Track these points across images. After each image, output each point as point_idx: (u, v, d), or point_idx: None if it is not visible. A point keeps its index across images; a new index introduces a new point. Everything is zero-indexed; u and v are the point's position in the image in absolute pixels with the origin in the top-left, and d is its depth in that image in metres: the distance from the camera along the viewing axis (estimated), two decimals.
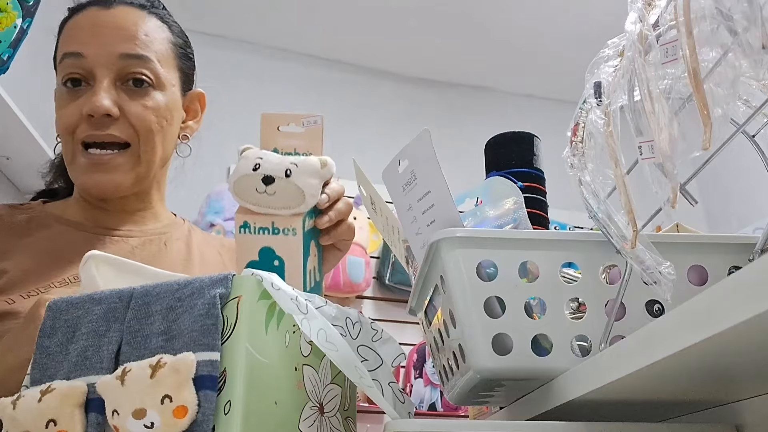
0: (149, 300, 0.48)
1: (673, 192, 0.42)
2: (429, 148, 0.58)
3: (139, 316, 0.48)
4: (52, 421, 0.44)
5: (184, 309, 0.47)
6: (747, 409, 0.48)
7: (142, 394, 0.43)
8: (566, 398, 0.48)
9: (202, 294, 0.46)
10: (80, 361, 0.47)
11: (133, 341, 0.47)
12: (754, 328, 0.29)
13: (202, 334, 0.45)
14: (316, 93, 2.85)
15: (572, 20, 2.67)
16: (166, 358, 0.43)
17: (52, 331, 0.50)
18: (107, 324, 0.48)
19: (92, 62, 0.81)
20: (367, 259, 2.42)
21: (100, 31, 0.83)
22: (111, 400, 0.44)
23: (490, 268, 0.55)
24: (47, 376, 0.48)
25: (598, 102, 0.51)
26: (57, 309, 0.51)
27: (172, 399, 0.42)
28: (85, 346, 0.48)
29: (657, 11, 0.46)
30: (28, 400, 0.45)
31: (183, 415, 0.42)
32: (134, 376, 0.43)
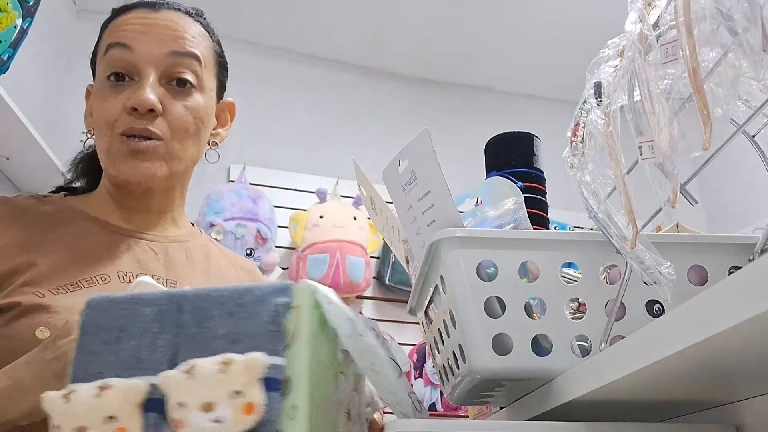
0: (205, 305, 0.49)
1: (673, 192, 0.42)
2: (429, 148, 0.58)
3: (196, 320, 0.49)
4: (111, 417, 0.45)
5: (246, 315, 0.48)
6: (747, 409, 0.48)
7: (212, 388, 0.44)
8: (566, 398, 0.49)
9: (265, 302, 0.48)
10: (133, 361, 0.48)
11: (192, 344, 0.48)
12: (754, 328, 0.29)
13: (268, 340, 0.46)
14: (316, 93, 2.86)
15: (572, 20, 2.67)
16: (236, 357, 0.44)
17: (95, 329, 0.49)
18: (160, 326, 0.49)
19: (140, 57, 0.83)
20: (367, 259, 2.42)
21: (149, 29, 0.84)
22: (175, 394, 0.44)
23: (490, 268, 0.55)
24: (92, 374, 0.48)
25: (598, 102, 0.51)
26: (98, 307, 0.51)
27: (244, 395, 0.43)
28: (137, 346, 0.48)
29: (657, 11, 0.46)
30: (83, 396, 0.45)
31: (251, 412, 0.43)
32: (203, 370, 0.44)
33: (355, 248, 2.40)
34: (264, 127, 2.67)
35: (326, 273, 2.32)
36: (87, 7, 2.54)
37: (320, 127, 2.78)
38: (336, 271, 2.33)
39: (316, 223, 2.42)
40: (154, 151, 0.83)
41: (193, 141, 0.87)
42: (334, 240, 2.38)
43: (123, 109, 0.82)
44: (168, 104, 0.83)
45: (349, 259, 2.36)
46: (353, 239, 2.41)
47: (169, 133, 0.84)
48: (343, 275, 2.33)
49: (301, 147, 2.71)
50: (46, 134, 1.97)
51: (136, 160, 0.83)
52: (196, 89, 0.86)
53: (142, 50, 0.83)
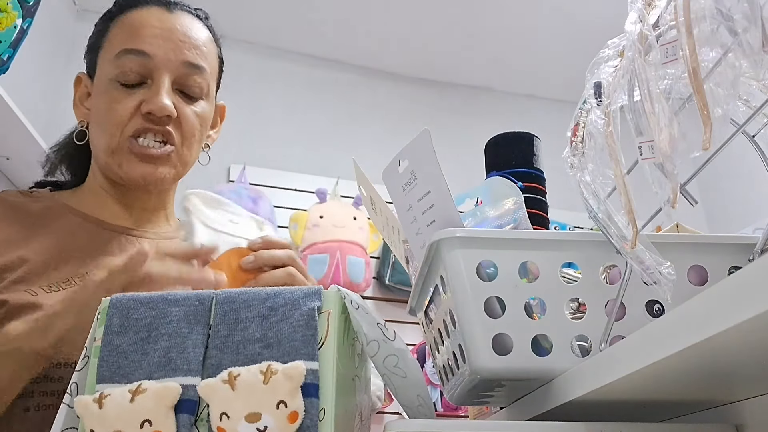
0: (236, 306, 0.49)
1: (673, 192, 0.42)
2: (429, 148, 0.58)
3: (227, 321, 0.49)
4: (147, 421, 0.45)
5: (278, 318, 0.48)
6: (747, 409, 0.48)
7: (257, 399, 0.44)
8: (566, 398, 0.48)
9: (298, 305, 0.49)
10: (164, 362, 0.48)
11: (224, 346, 0.48)
12: (754, 328, 0.29)
13: (303, 344, 0.47)
14: (316, 93, 2.86)
15: (572, 20, 2.67)
16: (276, 366, 0.45)
17: (122, 329, 0.49)
18: (189, 326, 0.49)
19: (158, 64, 0.84)
20: (367, 259, 2.42)
21: (168, 35, 0.85)
22: (218, 404, 0.45)
23: (490, 268, 0.55)
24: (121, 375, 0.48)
25: (598, 102, 0.51)
26: (124, 307, 0.50)
27: (287, 405, 0.44)
28: (168, 347, 0.48)
29: (657, 11, 0.46)
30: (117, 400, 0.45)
31: (295, 420, 0.44)
32: (245, 381, 0.45)
33: (355, 248, 2.40)
34: (264, 127, 2.67)
35: (326, 273, 2.32)
36: (87, 7, 2.54)
37: (320, 127, 2.78)
38: (336, 271, 2.33)
39: (316, 223, 2.42)
40: (167, 157, 0.85)
41: (197, 144, 0.89)
42: (334, 240, 2.38)
43: (135, 111, 0.83)
44: (181, 110, 0.85)
45: (349, 259, 2.36)
46: (353, 239, 2.41)
47: (180, 138, 0.85)
48: (343, 275, 2.33)
49: (301, 147, 2.71)
50: (46, 134, 1.97)
51: (148, 164, 0.84)
52: (203, 97, 0.88)
53: (159, 57, 0.84)
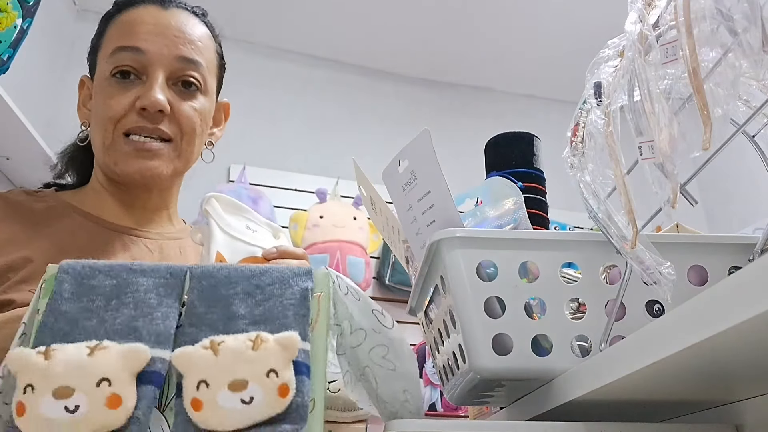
0: (215, 283, 0.45)
1: (673, 192, 0.42)
2: (429, 148, 0.58)
3: (204, 298, 0.45)
4: (105, 380, 0.38)
5: (266, 297, 0.45)
6: (747, 409, 0.48)
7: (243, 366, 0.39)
8: (566, 398, 0.48)
9: (289, 284, 0.46)
10: (127, 330, 0.42)
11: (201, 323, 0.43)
12: (754, 328, 0.29)
13: (295, 322, 0.43)
14: (316, 93, 2.86)
15: (572, 20, 2.67)
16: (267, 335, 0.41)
17: (74, 296, 0.44)
18: (158, 298, 0.44)
19: (151, 59, 0.84)
20: (367, 259, 2.42)
21: (161, 30, 0.85)
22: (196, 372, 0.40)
23: (490, 268, 0.55)
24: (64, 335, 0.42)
25: (598, 102, 0.51)
26: (78, 274, 0.45)
27: (278, 375, 0.39)
28: (133, 315, 0.43)
29: (657, 11, 0.46)
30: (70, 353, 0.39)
31: (285, 395, 0.39)
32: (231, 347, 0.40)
33: (355, 248, 2.40)
34: (264, 127, 2.68)
35: None
36: (87, 7, 2.54)
37: (320, 127, 2.78)
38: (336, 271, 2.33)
39: (316, 224, 2.42)
40: (163, 152, 0.84)
41: (198, 141, 0.89)
42: (334, 240, 2.38)
43: (130, 107, 0.82)
44: (176, 105, 0.85)
45: (349, 259, 2.36)
46: (353, 239, 2.41)
47: (178, 132, 0.85)
48: (343, 275, 2.33)
49: (301, 147, 2.71)
50: (46, 134, 1.97)
51: (142, 159, 0.83)
52: (200, 92, 0.88)
53: (153, 52, 0.84)
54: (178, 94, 0.85)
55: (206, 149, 0.95)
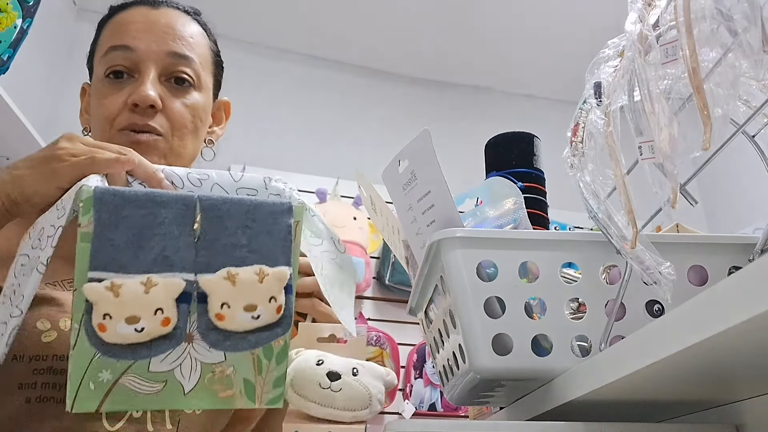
0: (221, 214, 0.57)
1: (673, 192, 0.42)
2: (429, 148, 0.58)
3: (213, 227, 0.56)
4: (159, 309, 0.53)
5: (259, 229, 0.57)
6: (747, 409, 0.48)
7: (253, 294, 0.55)
8: (566, 398, 0.49)
9: (277, 220, 0.58)
10: (161, 259, 0.54)
11: (213, 248, 0.56)
12: (754, 328, 0.29)
13: (282, 253, 0.57)
14: (316, 93, 2.86)
15: (572, 20, 2.67)
16: (267, 269, 0.56)
17: (113, 224, 0.54)
18: (179, 228, 0.55)
19: (141, 56, 0.84)
20: (367, 259, 2.42)
21: (150, 27, 0.86)
22: (219, 295, 0.55)
23: (490, 268, 0.55)
24: (117, 265, 0.53)
25: (598, 102, 0.51)
26: (111, 203, 0.54)
27: (276, 300, 0.56)
28: (163, 246, 0.54)
29: (657, 11, 0.46)
30: (132, 290, 0.52)
31: (280, 311, 0.56)
32: (244, 279, 0.55)
33: (354, 248, 2.40)
34: (264, 127, 2.67)
35: None
36: (87, 7, 2.54)
37: (320, 127, 2.78)
38: None
39: None
40: (154, 146, 0.83)
41: (192, 138, 0.88)
42: None
43: (124, 105, 0.83)
44: (167, 101, 0.84)
45: None
46: (353, 239, 2.41)
47: (169, 129, 0.84)
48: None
49: (301, 147, 2.71)
50: (46, 134, 1.97)
51: None
52: (194, 88, 0.87)
53: (143, 49, 0.84)
54: (170, 90, 0.85)
55: (207, 147, 0.94)
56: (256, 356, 0.58)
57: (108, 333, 0.52)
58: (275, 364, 0.59)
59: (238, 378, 0.57)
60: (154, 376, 0.55)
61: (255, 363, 0.58)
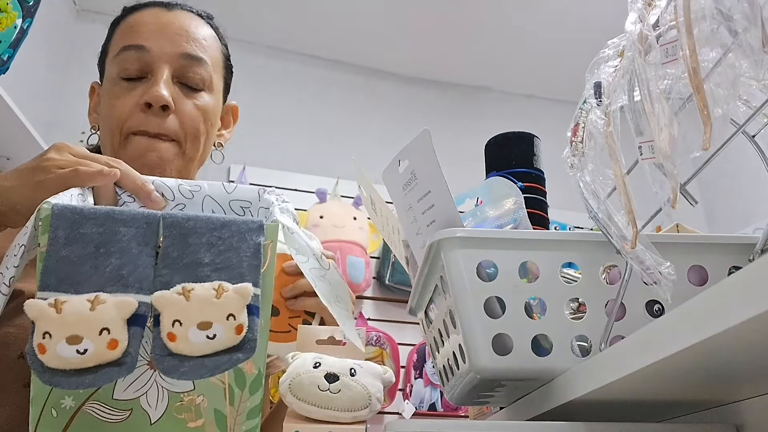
0: (185, 232, 0.54)
1: (673, 192, 0.42)
2: (429, 148, 0.58)
3: (176, 244, 0.53)
4: (105, 329, 0.49)
5: (226, 247, 0.54)
6: (747, 409, 0.48)
7: (209, 310, 0.50)
8: (566, 398, 0.49)
9: (245, 239, 0.54)
10: (116, 277, 0.51)
11: (175, 266, 0.53)
12: (754, 328, 0.29)
13: (249, 271, 0.53)
14: (316, 93, 2.86)
15: (572, 20, 2.67)
16: (227, 285, 0.51)
17: (69, 241, 0.51)
18: (138, 247, 0.52)
19: (154, 57, 0.84)
20: (367, 259, 2.42)
21: (164, 29, 0.86)
22: (171, 313, 0.50)
23: (490, 268, 0.55)
24: (69, 284, 0.50)
25: (598, 102, 0.51)
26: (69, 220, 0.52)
27: (235, 318, 0.51)
28: (119, 264, 0.51)
29: (657, 11, 0.46)
30: (76, 306, 0.49)
31: (240, 332, 0.51)
32: (199, 294, 0.51)
33: (355, 248, 2.40)
34: (264, 127, 2.67)
35: None
36: (87, 7, 2.54)
37: (320, 127, 2.78)
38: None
39: (316, 224, 2.42)
40: (167, 155, 0.83)
41: (204, 140, 0.88)
42: (334, 240, 2.37)
43: (135, 106, 0.82)
44: (180, 102, 0.84)
45: (349, 259, 2.36)
46: (353, 239, 2.41)
47: (182, 133, 0.84)
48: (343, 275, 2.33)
49: (301, 147, 2.71)
50: (46, 134, 1.97)
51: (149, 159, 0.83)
52: (205, 90, 0.87)
53: (156, 50, 0.84)
54: (182, 91, 0.85)
55: (215, 150, 0.94)
56: (227, 385, 0.54)
57: (48, 355, 0.48)
58: (249, 394, 0.55)
59: (209, 408, 0.54)
60: (119, 404, 0.52)
61: (226, 392, 0.54)
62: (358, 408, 0.63)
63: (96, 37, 0.94)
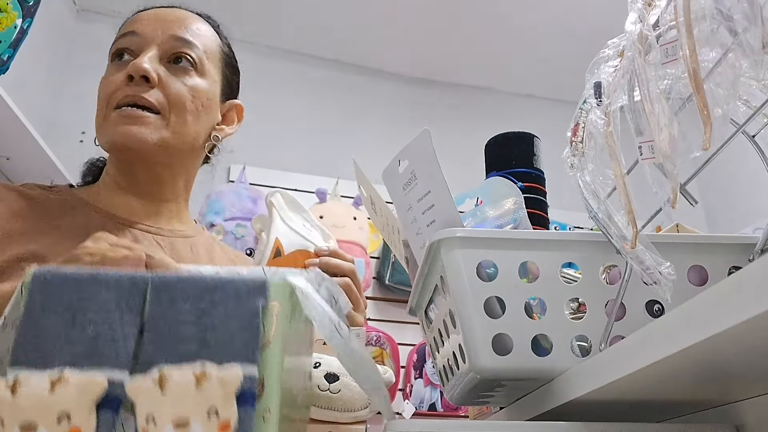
0: (174, 295, 0.46)
1: (673, 192, 0.42)
2: (429, 148, 0.58)
3: (162, 313, 0.46)
4: (66, 416, 0.41)
5: (219, 315, 0.45)
6: (747, 409, 0.48)
7: (186, 405, 0.42)
8: (566, 398, 0.48)
9: (241, 302, 0.46)
10: (90, 351, 0.44)
11: (158, 341, 0.45)
12: (754, 328, 0.29)
13: (243, 346, 0.44)
14: (316, 93, 2.85)
15: (572, 20, 2.67)
16: (210, 368, 0.43)
17: (45, 308, 0.45)
18: (120, 314, 0.45)
19: (145, 39, 0.87)
20: (367, 259, 2.42)
21: (159, 18, 0.89)
22: (145, 406, 0.42)
23: (490, 268, 0.55)
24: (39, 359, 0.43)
25: (598, 102, 0.51)
26: (48, 283, 0.46)
27: (218, 414, 0.42)
28: (95, 334, 0.44)
29: (657, 11, 0.46)
30: (33, 388, 0.41)
31: (226, 430, 0.42)
32: (176, 383, 0.42)
33: (354, 248, 2.40)
34: (264, 127, 2.67)
35: None
36: (87, 7, 2.54)
37: (320, 127, 2.78)
38: None
39: None
40: (146, 119, 0.83)
41: (192, 120, 0.87)
42: None
43: (121, 82, 0.83)
44: (166, 78, 0.85)
45: None
46: (353, 239, 2.41)
47: (165, 104, 0.84)
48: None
49: (301, 147, 2.71)
50: (46, 134, 1.97)
51: (126, 125, 0.83)
52: (195, 71, 0.88)
53: (147, 33, 0.87)
54: (170, 69, 0.86)
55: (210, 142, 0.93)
56: None
57: None
58: None
59: None
60: None
61: None
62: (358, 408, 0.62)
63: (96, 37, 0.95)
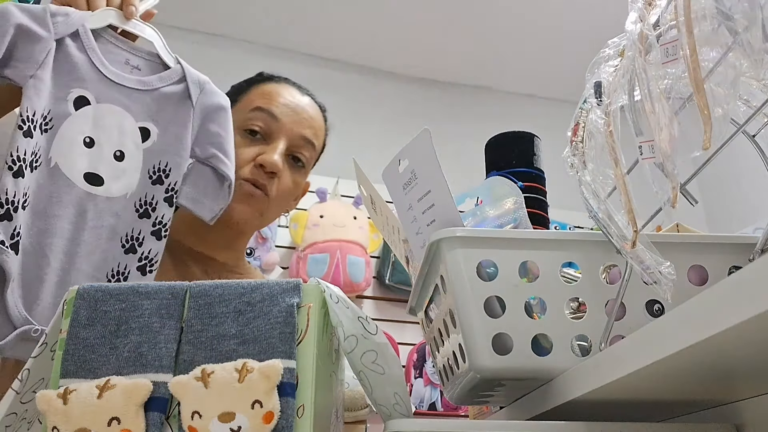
0: (211, 301, 0.48)
1: (673, 192, 0.42)
2: (429, 147, 0.58)
3: (201, 316, 0.48)
4: (115, 419, 0.43)
5: (256, 314, 0.48)
6: (747, 409, 0.48)
7: (231, 398, 0.43)
8: (566, 398, 0.48)
9: (276, 301, 0.48)
10: (134, 357, 0.46)
11: (197, 341, 0.47)
12: (754, 328, 0.29)
13: (280, 341, 0.46)
14: (317, 93, 2.85)
15: (572, 20, 2.66)
16: (252, 363, 0.44)
17: (90, 321, 0.48)
18: (161, 320, 0.48)
19: (280, 127, 1.00)
20: (367, 258, 2.42)
21: (295, 108, 1.03)
22: (190, 402, 0.44)
23: (490, 267, 0.55)
24: (88, 369, 0.46)
25: (598, 102, 0.51)
26: (92, 298, 0.49)
27: (262, 405, 0.43)
28: (138, 342, 0.47)
29: (657, 11, 0.46)
30: (83, 396, 0.44)
31: (270, 420, 0.43)
32: (219, 379, 0.44)
33: (355, 248, 2.40)
34: None
35: (326, 272, 2.32)
36: None
37: None
38: (336, 270, 2.33)
39: (316, 223, 2.42)
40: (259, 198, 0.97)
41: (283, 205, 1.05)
42: (334, 239, 2.38)
43: (252, 160, 0.97)
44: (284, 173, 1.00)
45: (349, 259, 2.36)
46: (353, 239, 2.41)
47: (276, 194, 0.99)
48: (343, 275, 2.33)
49: None
50: None
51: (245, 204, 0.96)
52: (304, 168, 1.05)
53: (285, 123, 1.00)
54: (288, 164, 1.01)
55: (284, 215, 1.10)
56: None
57: None
58: None
59: None
60: None
61: None
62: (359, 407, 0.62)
63: None
